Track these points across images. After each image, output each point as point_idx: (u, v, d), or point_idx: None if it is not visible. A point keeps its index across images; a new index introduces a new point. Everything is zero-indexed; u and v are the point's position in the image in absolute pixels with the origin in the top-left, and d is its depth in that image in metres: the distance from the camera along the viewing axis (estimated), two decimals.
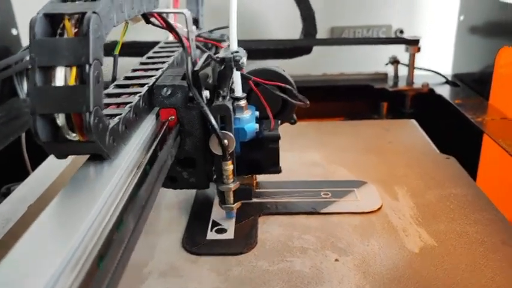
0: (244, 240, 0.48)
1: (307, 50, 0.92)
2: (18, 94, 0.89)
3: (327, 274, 0.44)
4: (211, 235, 0.49)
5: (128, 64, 0.53)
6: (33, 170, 0.73)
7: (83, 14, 0.31)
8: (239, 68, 0.45)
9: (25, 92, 0.90)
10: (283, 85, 0.51)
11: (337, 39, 0.98)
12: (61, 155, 0.34)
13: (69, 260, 0.24)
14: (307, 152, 0.69)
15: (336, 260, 0.45)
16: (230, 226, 0.51)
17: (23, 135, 0.80)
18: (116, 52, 0.49)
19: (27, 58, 0.89)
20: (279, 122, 0.52)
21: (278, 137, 0.49)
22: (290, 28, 0.97)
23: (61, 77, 0.30)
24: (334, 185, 0.58)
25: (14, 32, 0.93)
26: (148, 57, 0.56)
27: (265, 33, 1.01)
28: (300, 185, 0.58)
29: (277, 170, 0.51)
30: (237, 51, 0.46)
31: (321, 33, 0.98)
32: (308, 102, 0.52)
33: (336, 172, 0.63)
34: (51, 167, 0.68)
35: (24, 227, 0.52)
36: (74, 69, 0.30)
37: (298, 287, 0.42)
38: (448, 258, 0.45)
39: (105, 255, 0.27)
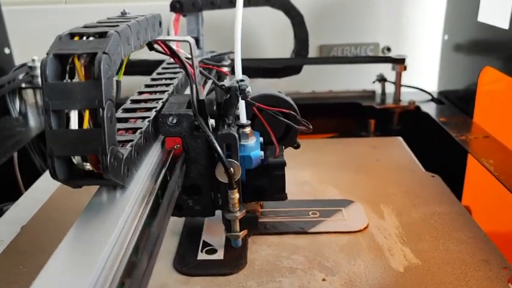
0: (234, 261, 0.49)
1: (297, 70, 0.94)
2: (11, 113, 0.90)
3: None
4: (201, 256, 0.50)
5: (129, 82, 0.54)
6: (26, 189, 0.74)
7: (94, 54, 0.31)
8: (245, 97, 0.45)
9: (17, 110, 0.91)
10: (286, 111, 0.51)
11: (326, 59, 1.00)
12: (77, 187, 0.35)
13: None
14: (297, 171, 0.70)
15: (323, 279, 0.47)
16: (220, 247, 0.52)
17: (15, 154, 0.80)
18: (119, 78, 0.50)
19: (20, 77, 0.90)
20: (284, 147, 0.52)
21: (284, 164, 0.49)
22: (281, 48, 0.99)
23: (75, 120, 0.31)
24: (322, 204, 0.60)
25: (6, 51, 0.94)
26: (153, 79, 0.57)
27: (255, 52, 1.02)
28: (289, 204, 0.60)
29: (283, 197, 0.51)
30: (242, 80, 0.46)
31: (310, 51, 1.00)
32: (311, 126, 0.52)
33: (325, 191, 0.64)
34: (44, 187, 0.68)
35: (17, 249, 0.53)
36: (87, 113, 0.31)
37: None
38: (431, 276, 0.47)
39: (125, 284, 0.28)
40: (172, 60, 0.66)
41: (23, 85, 0.91)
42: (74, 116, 0.32)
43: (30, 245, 0.54)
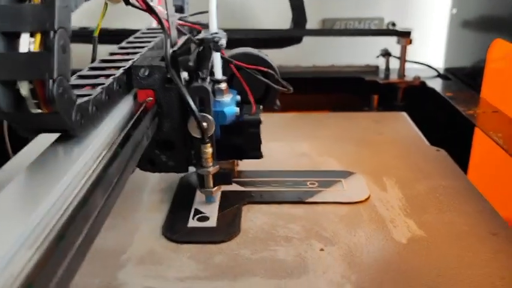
0: (227, 229, 0.47)
1: (297, 39, 0.90)
2: None
3: (312, 264, 0.42)
4: (192, 223, 0.48)
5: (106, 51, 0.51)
6: (14, 153, 0.71)
7: None
8: (218, 49, 0.44)
9: None
10: (265, 69, 0.50)
11: (327, 30, 0.96)
12: (25, 129, 0.32)
13: (28, 236, 0.23)
14: (296, 143, 0.67)
15: (321, 249, 0.44)
16: (213, 214, 0.49)
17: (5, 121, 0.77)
18: (95, 34, 0.47)
19: None
20: (261, 107, 0.50)
21: (259, 121, 0.48)
22: (280, 18, 0.96)
23: (25, 43, 0.29)
24: (321, 175, 0.57)
25: None
26: (128, 42, 0.55)
27: (255, 23, 0.99)
28: (286, 174, 0.57)
29: (258, 155, 0.49)
30: (216, 33, 0.44)
31: (312, 24, 0.96)
32: (291, 88, 0.51)
33: (325, 163, 0.61)
34: (31, 154, 0.65)
35: None
36: (39, 36, 0.29)
37: (281, 275, 0.41)
38: (436, 249, 0.44)
39: (66, 233, 0.25)
40: (152, 26, 0.64)
41: None
42: (24, 38, 0.29)
43: None
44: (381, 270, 0.41)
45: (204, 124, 0.43)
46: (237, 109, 0.47)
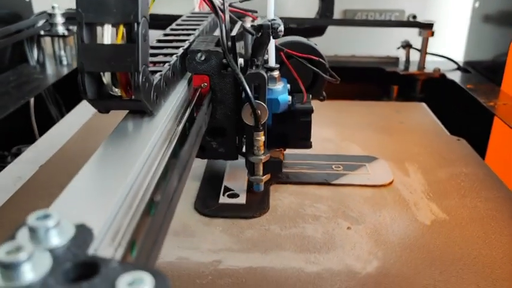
0: (256, 206, 0.48)
1: (320, 32, 0.91)
2: (29, 61, 0.88)
3: (339, 240, 0.44)
4: (223, 199, 0.49)
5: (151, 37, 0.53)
6: (39, 134, 0.73)
7: None
8: (276, 36, 0.44)
9: (35, 58, 0.89)
10: (315, 58, 0.50)
11: (350, 21, 0.97)
12: (105, 110, 0.34)
13: (123, 201, 0.24)
14: (320, 128, 0.68)
15: (348, 228, 0.46)
16: (242, 192, 0.51)
17: (32, 100, 0.79)
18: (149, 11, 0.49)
19: (39, 24, 0.88)
20: (310, 96, 0.50)
21: (311, 110, 0.48)
22: (305, 8, 0.97)
23: (108, 35, 0.30)
24: (345, 159, 0.58)
25: None
26: (178, 25, 0.56)
27: (279, 12, 1.00)
28: (311, 157, 0.58)
29: (308, 145, 0.50)
30: (274, 19, 0.44)
31: (334, 15, 0.97)
32: (338, 78, 0.51)
33: (348, 148, 0.63)
34: (61, 132, 0.68)
35: (35, 185, 0.52)
36: (122, 27, 0.30)
37: (310, 250, 0.42)
38: (459, 231, 0.45)
39: (156, 199, 0.27)
40: (195, 10, 0.65)
41: (42, 33, 0.89)
42: (107, 30, 0.31)
43: (49, 181, 0.53)
44: (406, 249, 0.43)
45: (258, 112, 0.44)
46: (290, 97, 0.47)
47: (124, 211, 0.24)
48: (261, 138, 0.46)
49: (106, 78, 0.32)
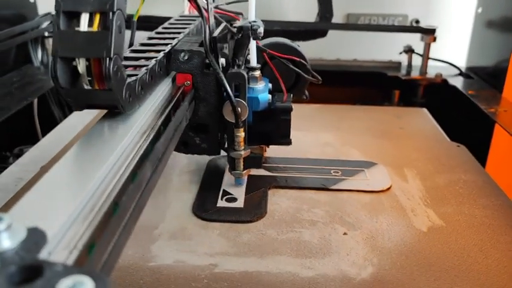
0: (254, 210, 0.49)
1: (322, 33, 0.91)
2: (33, 62, 0.89)
3: (335, 246, 0.44)
4: (221, 203, 0.50)
5: (141, 37, 0.53)
6: (42, 135, 0.74)
7: None
8: (256, 37, 0.46)
9: (39, 59, 0.90)
10: (297, 59, 0.52)
11: (352, 25, 0.98)
12: (78, 104, 0.34)
13: (85, 204, 0.25)
14: (320, 133, 0.69)
15: (345, 233, 0.46)
16: (240, 196, 0.51)
17: (35, 101, 0.80)
18: (135, 18, 0.49)
19: (43, 26, 0.89)
20: (292, 95, 0.52)
21: (290, 109, 0.49)
22: (305, 11, 0.97)
23: (85, 22, 0.31)
24: (344, 164, 0.59)
25: None
26: (164, 28, 0.56)
27: (280, 15, 1.00)
28: (310, 162, 0.59)
29: (288, 142, 0.51)
30: (255, 21, 0.46)
31: (337, 19, 0.98)
32: (320, 78, 0.53)
33: (348, 153, 0.63)
34: (63, 133, 0.68)
35: None
36: (98, 16, 0.31)
37: (306, 255, 0.43)
38: (455, 238, 0.45)
39: (121, 200, 0.27)
40: (184, 13, 0.66)
41: (46, 34, 0.90)
42: (84, 18, 0.31)
43: None
44: (402, 255, 0.43)
45: (239, 109, 0.45)
46: (270, 96, 0.49)
47: (85, 214, 0.24)
48: (241, 134, 0.48)
49: (81, 66, 0.32)
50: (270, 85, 0.51)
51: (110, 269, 0.24)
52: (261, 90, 0.48)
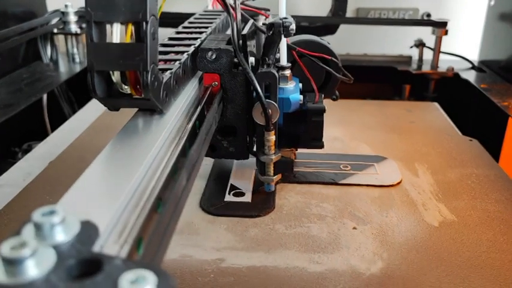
0: (262, 205, 0.48)
1: (332, 30, 0.90)
2: (42, 58, 0.89)
3: (345, 240, 0.43)
4: (229, 197, 0.49)
5: (163, 35, 0.53)
6: (52, 131, 0.74)
7: None
8: (288, 34, 0.43)
9: (48, 56, 0.90)
10: (328, 57, 0.49)
11: (363, 19, 0.96)
12: (114, 108, 0.34)
13: (130, 199, 0.24)
14: (329, 127, 0.67)
15: (354, 228, 0.45)
16: (248, 190, 0.51)
17: (45, 97, 0.80)
18: (158, 15, 0.49)
19: (52, 22, 0.89)
20: (322, 96, 0.50)
21: (323, 110, 0.47)
22: (317, 6, 0.96)
23: (117, 34, 0.30)
24: (354, 159, 0.58)
25: None
26: (190, 23, 0.55)
27: (291, 9, 0.99)
28: (319, 156, 0.58)
29: (320, 145, 0.49)
30: (286, 18, 0.43)
31: (347, 13, 0.97)
32: (351, 77, 0.50)
33: (357, 148, 0.62)
34: (72, 128, 0.68)
35: (44, 181, 0.53)
36: (130, 26, 0.30)
37: (314, 250, 0.42)
38: (467, 233, 0.44)
39: (164, 196, 0.27)
40: (208, 8, 0.65)
41: (55, 30, 0.90)
42: (116, 29, 0.31)
43: (57, 178, 0.53)
44: (412, 250, 0.42)
45: (269, 111, 0.43)
46: (301, 97, 0.47)
47: (131, 208, 0.24)
48: (272, 137, 0.45)
49: (115, 76, 0.32)
50: (301, 85, 0.48)
51: (159, 264, 0.23)
52: (292, 90, 0.46)
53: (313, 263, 0.40)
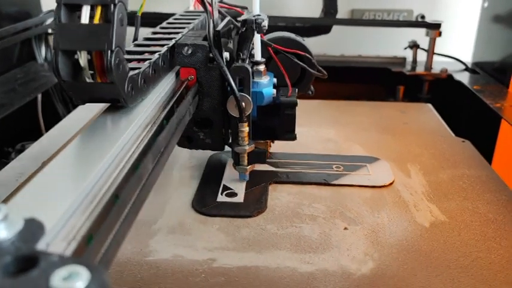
0: (254, 205, 0.48)
1: (326, 30, 0.91)
2: (36, 58, 0.89)
3: (336, 241, 0.43)
4: (221, 198, 0.49)
5: (144, 34, 0.53)
6: (46, 131, 0.74)
7: None
8: (260, 31, 0.45)
9: (43, 56, 0.90)
10: (302, 53, 0.51)
11: (357, 20, 0.97)
12: (80, 97, 0.34)
13: (85, 196, 0.24)
14: (322, 129, 0.68)
15: (345, 228, 0.45)
16: (240, 191, 0.51)
17: (39, 97, 0.80)
18: (139, 13, 0.49)
19: (47, 22, 0.89)
20: (297, 90, 0.51)
21: (295, 103, 0.49)
22: (310, 7, 0.96)
23: (86, 15, 0.30)
24: (346, 160, 0.58)
25: None
26: (168, 23, 0.56)
27: (284, 11, 1.00)
28: (312, 157, 0.58)
29: (293, 137, 0.51)
30: (259, 15, 0.45)
31: (342, 14, 0.97)
32: (326, 73, 0.52)
33: (350, 149, 0.62)
34: (66, 129, 0.68)
35: None
36: (99, 8, 0.31)
37: (306, 250, 0.42)
38: (458, 233, 0.45)
39: (122, 192, 0.27)
40: (189, 9, 0.65)
41: (50, 31, 0.90)
42: (85, 10, 0.31)
43: None
44: (403, 250, 0.42)
45: (243, 104, 0.45)
46: (274, 90, 0.48)
47: (84, 206, 0.24)
48: (245, 129, 0.47)
49: (82, 60, 0.32)
50: (275, 80, 0.50)
51: (108, 262, 0.24)
52: (266, 84, 0.48)
53: (304, 263, 0.40)
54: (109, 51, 0.30)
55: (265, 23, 0.45)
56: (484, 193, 0.52)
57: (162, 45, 0.45)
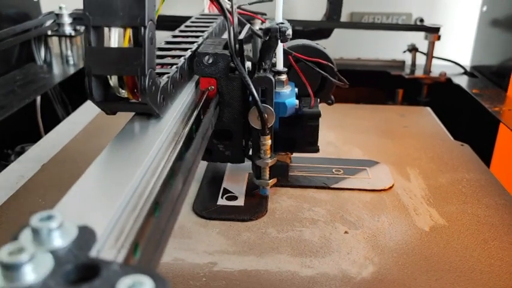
0: (254, 208, 0.48)
1: (326, 34, 0.91)
2: (36, 60, 0.89)
3: (336, 245, 0.44)
4: (221, 201, 0.49)
5: (159, 38, 0.53)
6: (45, 133, 0.74)
7: None
8: (284, 40, 0.43)
9: (42, 58, 0.90)
10: (324, 62, 0.49)
11: (357, 23, 0.97)
12: (111, 112, 0.34)
13: (127, 203, 0.24)
14: (322, 131, 0.68)
15: (346, 232, 0.45)
16: (241, 194, 0.51)
17: (38, 99, 0.80)
18: (156, 15, 0.49)
19: (46, 24, 0.89)
20: (318, 100, 0.50)
21: (319, 115, 0.47)
22: (311, 10, 0.97)
23: (115, 38, 0.30)
24: (346, 163, 0.58)
25: None
26: (187, 26, 0.56)
27: (286, 14, 1.00)
28: (312, 161, 0.58)
29: (315, 149, 0.49)
30: (282, 22, 0.43)
31: (341, 17, 0.97)
32: (347, 82, 0.50)
33: (350, 152, 0.63)
34: (65, 131, 0.68)
35: (37, 184, 0.53)
36: (128, 31, 0.30)
37: (306, 254, 0.42)
38: (458, 237, 0.45)
39: (161, 201, 0.27)
40: (204, 12, 0.66)
41: (49, 32, 0.90)
42: (114, 33, 0.31)
43: (50, 181, 0.53)
44: (403, 254, 0.42)
45: (265, 115, 0.43)
46: (297, 101, 0.47)
47: (128, 213, 0.24)
48: (268, 142, 0.46)
49: (113, 81, 0.33)
50: (297, 89, 0.49)
51: (155, 269, 0.23)
52: (288, 95, 0.46)
53: (305, 267, 0.41)
54: (142, 77, 0.30)
55: (290, 32, 0.43)
56: (484, 197, 0.52)
57: (185, 49, 0.44)
